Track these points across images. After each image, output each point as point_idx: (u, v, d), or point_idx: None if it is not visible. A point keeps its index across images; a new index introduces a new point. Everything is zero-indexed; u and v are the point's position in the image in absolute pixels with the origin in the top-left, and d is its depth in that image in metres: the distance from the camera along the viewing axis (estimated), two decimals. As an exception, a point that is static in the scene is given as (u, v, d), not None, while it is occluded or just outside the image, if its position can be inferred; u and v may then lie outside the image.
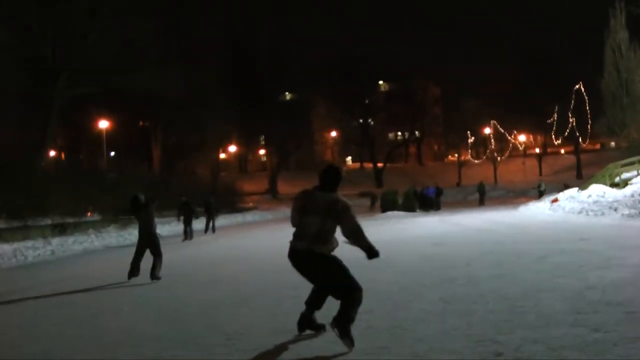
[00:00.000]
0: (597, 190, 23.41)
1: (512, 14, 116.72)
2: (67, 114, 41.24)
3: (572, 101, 63.11)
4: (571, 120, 66.69)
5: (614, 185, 25.40)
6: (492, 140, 75.46)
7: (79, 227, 25.28)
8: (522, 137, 77.58)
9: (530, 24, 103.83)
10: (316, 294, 5.55)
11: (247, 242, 19.32)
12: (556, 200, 25.73)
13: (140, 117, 55.33)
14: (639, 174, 25.48)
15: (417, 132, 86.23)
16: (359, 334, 5.42)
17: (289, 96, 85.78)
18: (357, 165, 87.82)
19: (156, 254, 10.46)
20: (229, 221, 32.95)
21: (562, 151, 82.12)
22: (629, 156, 29.20)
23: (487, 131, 75.72)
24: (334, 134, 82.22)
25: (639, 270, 8.06)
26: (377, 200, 39.88)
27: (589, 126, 59.04)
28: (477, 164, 77.65)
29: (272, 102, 72.48)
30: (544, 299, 6.51)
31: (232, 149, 72.94)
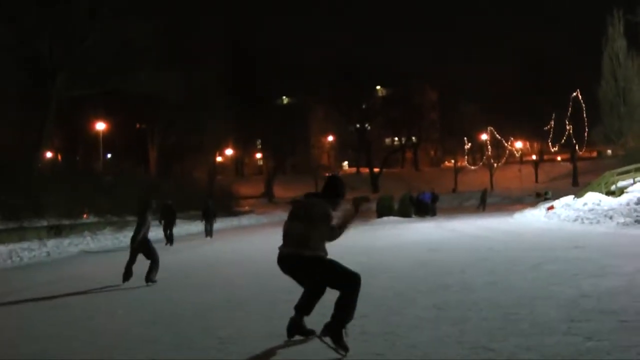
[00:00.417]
0: (593, 198, 23.48)
1: (511, 20, 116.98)
2: (64, 115, 41.15)
3: (570, 108, 63.29)
4: (568, 127, 66.83)
5: (609, 193, 25.50)
6: (489, 146, 75.57)
7: (74, 229, 25.23)
8: (518, 144, 77.68)
9: (528, 31, 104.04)
10: (305, 299, 5.55)
11: (242, 246, 19.32)
12: (552, 207, 25.79)
13: (137, 119, 55.29)
14: (635, 182, 25.59)
15: (414, 138, 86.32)
16: (353, 339, 5.43)
17: (286, 100, 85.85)
18: (353, 170, 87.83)
19: (151, 258, 10.42)
20: (225, 225, 32.89)
21: (559, 158, 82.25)
22: (625, 164, 29.35)
23: (484, 137, 75.83)
24: (330, 139, 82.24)
25: (633, 278, 8.08)
26: (362, 206, 38.83)
27: (586, 134, 59.19)
28: (473, 170, 77.71)
29: (269, 106, 72.55)
30: (538, 306, 6.53)
31: (229, 152, 72.90)
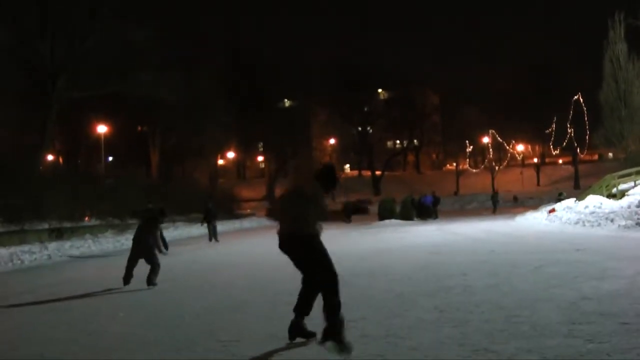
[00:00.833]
0: (594, 201, 23.44)
1: (512, 24, 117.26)
2: (66, 118, 41.27)
3: (571, 112, 63.30)
4: (569, 130, 66.86)
5: (611, 196, 25.45)
6: (491, 149, 75.58)
7: (76, 232, 25.24)
8: (520, 147, 77.72)
9: (530, 35, 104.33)
10: (303, 299, 5.57)
11: (243, 249, 19.31)
12: (553, 210, 25.76)
13: (138, 121, 55.39)
14: (636, 185, 25.56)
15: (416, 141, 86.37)
16: (354, 342, 5.43)
17: (288, 103, 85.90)
18: (355, 173, 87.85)
19: (151, 263, 10.39)
20: (227, 227, 32.89)
21: (560, 161, 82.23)
22: (626, 167, 29.33)
23: (485, 140, 75.84)
24: (332, 142, 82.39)
25: (634, 281, 8.07)
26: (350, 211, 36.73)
27: (587, 137, 59.18)
28: (475, 173, 77.75)
29: (271, 109, 72.55)
30: (539, 309, 6.52)
31: (231, 155, 72.96)
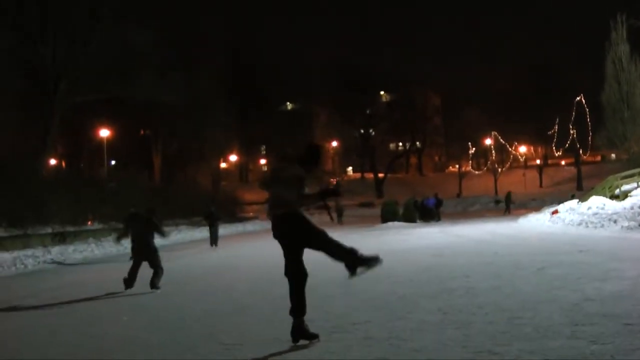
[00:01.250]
0: (597, 202, 23.40)
1: (512, 24, 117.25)
2: (68, 122, 41.33)
3: (573, 113, 63.28)
4: (572, 132, 66.83)
5: (614, 197, 25.40)
6: (493, 151, 75.53)
7: (79, 236, 25.24)
8: (522, 149, 77.67)
9: (531, 36, 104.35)
10: (293, 297, 5.58)
11: (246, 252, 19.31)
12: (556, 212, 25.73)
13: (140, 125, 55.48)
14: (639, 186, 25.49)
15: (418, 143, 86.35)
16: (357, 344, 5.44)
17: (290, 106, 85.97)
18: (357, 175, 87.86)
19: (154, 266, 10.39)
20: (229, 230, 32.91)
21: (563, 163, 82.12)
22: (629, 168, 29.25)
23: (487, 142, 75.78)
24: (334, 144, 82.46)
25: (637, 282, 8.05)
26: (342, 214, 36.09)
27: (589, 138, 59.13)
28: (477, 175, 77.70)
29: (273, 112, 72.59)
30: (542, 310, 6.51)
31: (233, 158, 73.01)
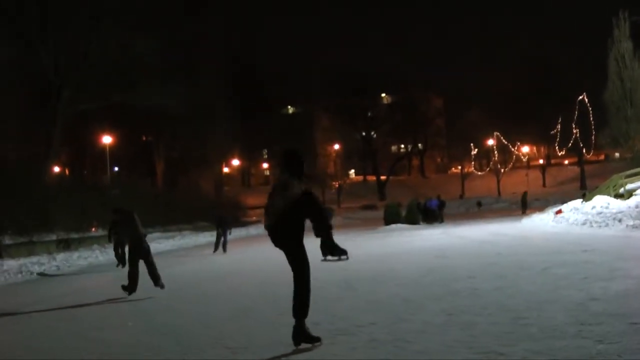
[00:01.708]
0: (601, 201, 23.31)
1: (515, 24, 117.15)
2: (71, 130, 41.45)
3: (576, 112, 63.07)
4: (575, 131, 66.62)
5: (618, 196, 25.29)
6: (496, 151, 75.40)
7: (83, 243, 25.34)
8: (525, 149, 77.51)
9: (533, 34, 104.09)
10: (297, 302, 5.56)
11: (249, 256, 19.31)
12: (560, 211, 25.65)
13: (143, 131, 55.62)
14: (643, 185, 25.40)
15: (420, 145, 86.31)
16: (362, 347, 5.43)
17: (291, 109, 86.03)
18: (360, 178, 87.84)
19: (148, 262, 10.49)
20: (233, 235, 32.81)
21: (566, 162, 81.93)
22: (633, 167, 29.15)
23: (490, 143, 75.66)
24: (336, 147, 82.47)
25: (642, 281, 8.02)
26: (332, 218, 35.80)
27: (592, 137, 58.91)
28: (480, 175, 77.59)
29: (274, 116, 72.65)
30: (547, 310, 6.49)
31: (235, 162, 73.07)
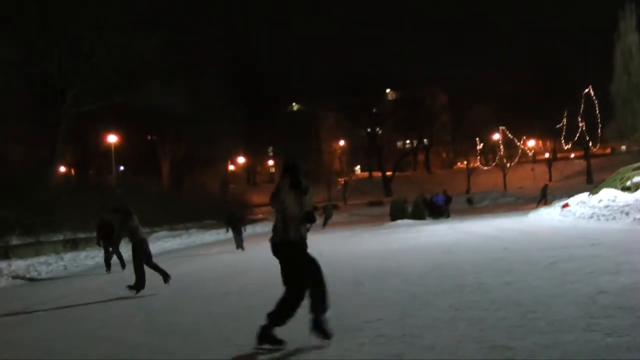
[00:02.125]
0: (608, 194, 23.19)
1: (520, 18, 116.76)
2: (76, 130, 41.52)
3: (582, 105, 62.74)
4: (581, 124, 66.28)
5: (625, 189, 25.16)
6: (501, 146, 75.12)
7: (90, 242, 25.40)
8: (531, 143, 77.20)
9: (538, 28, 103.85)
10: (311, 294, 5.58)
11: (255, 254, 19.25)
12: (567, 205, 25.55)
13: (147, 130, 55.63)
14: (650, 178, 25.27)
15: (425, 140, 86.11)
16: (370, 342, 5.43)
17: (296, 107, 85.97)
18: (365, 174, 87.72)
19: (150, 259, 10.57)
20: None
21: (572, 156, 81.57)
22: (640, 160, 29.00)
23: (495, 137, 75.40)
24: (342, 143, 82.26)
25: (651, 274, 7.99)
26: (331, 217, 34.89)
27: (599, 130, 58.57)
28: (486, 170, 77.35)
29: (279, 114, 72.62)
30: (555, 304, 6.47)
31: (241, 160, 73.11)
